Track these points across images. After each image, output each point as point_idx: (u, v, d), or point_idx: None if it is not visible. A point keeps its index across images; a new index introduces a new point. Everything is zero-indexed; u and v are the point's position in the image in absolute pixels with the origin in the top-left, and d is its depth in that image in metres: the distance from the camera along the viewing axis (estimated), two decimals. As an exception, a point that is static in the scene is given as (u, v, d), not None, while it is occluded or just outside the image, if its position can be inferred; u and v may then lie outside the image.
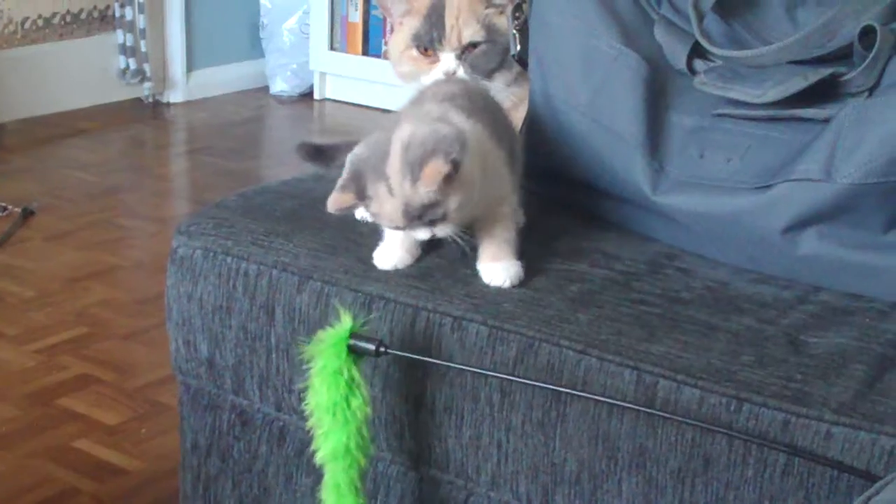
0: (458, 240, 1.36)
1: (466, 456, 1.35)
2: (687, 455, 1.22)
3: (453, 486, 1.39)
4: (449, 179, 1.29)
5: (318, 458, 1.34)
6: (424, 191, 1.30)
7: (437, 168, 1.29)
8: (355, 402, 1.31)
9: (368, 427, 1.33)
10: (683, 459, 1.22)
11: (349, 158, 1.36)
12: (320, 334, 1.32)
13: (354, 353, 1.31)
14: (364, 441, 1.33)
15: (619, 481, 1.26)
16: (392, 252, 1.42)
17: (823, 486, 1.17)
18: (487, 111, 1.45)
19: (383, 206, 1.33)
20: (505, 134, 1.46)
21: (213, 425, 1.57)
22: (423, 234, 1.35)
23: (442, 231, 1.35)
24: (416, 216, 1.32)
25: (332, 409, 1.31)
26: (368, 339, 1.31)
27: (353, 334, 1.31)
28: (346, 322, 1.31)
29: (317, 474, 1.46)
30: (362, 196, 1.33)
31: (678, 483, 1.23)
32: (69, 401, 2.23)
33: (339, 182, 1.34)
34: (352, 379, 1.31)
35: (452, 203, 1.32)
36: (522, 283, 1.38)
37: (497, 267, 1.38)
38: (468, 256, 1.39)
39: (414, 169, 1.30)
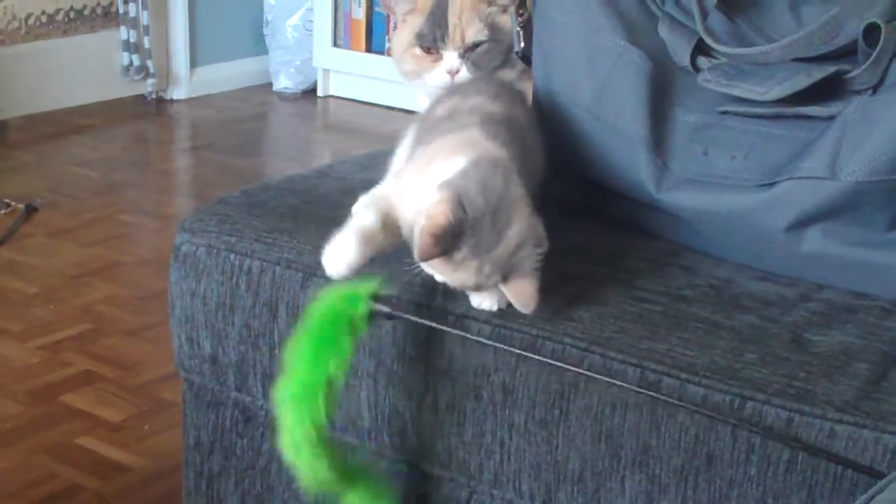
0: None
1: (469, 454, 1.35)
2: (690, 452, 1.22)
3: (456, 484, 1.39)
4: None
5: (279, 399, 1.26)
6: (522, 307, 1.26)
7: (531, 294, 1.25)
8: (345, 342, 1.25)
9: (345, 374, 1.27)
10: (686, 457, 1.22)
11: (455, 194, 1.21)
12: (334, 288, 1.28)
13: (369, 316, 1.26)
14: (335, 392, 1.26)
15: (622, 479, 1.26)
16: (345, 250, 1.30)
17: (827, 484, 1.17)
18: (519, 148, 1.36)
19: (464, 272, 1.24)
20: (526, 162, 1.38)
21: (216, 422, 1.57)
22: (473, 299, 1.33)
23: (485, 301, 1.33)
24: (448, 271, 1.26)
25: (318, 343, 1.25)
26: (386, 302, 1.28)
27: (373, 296, 1.27)
28: (365, 283, 1.27)
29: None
30: (453, 245, 1.22)
31: (681, 481, 1.23)
32: (72, 397, 2.23)
33: (437, 227, 1.20)
34: (353, 325, 1.25)
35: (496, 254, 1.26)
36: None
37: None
38: None
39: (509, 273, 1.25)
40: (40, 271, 2.79)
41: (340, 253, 1.29)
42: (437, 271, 1.26)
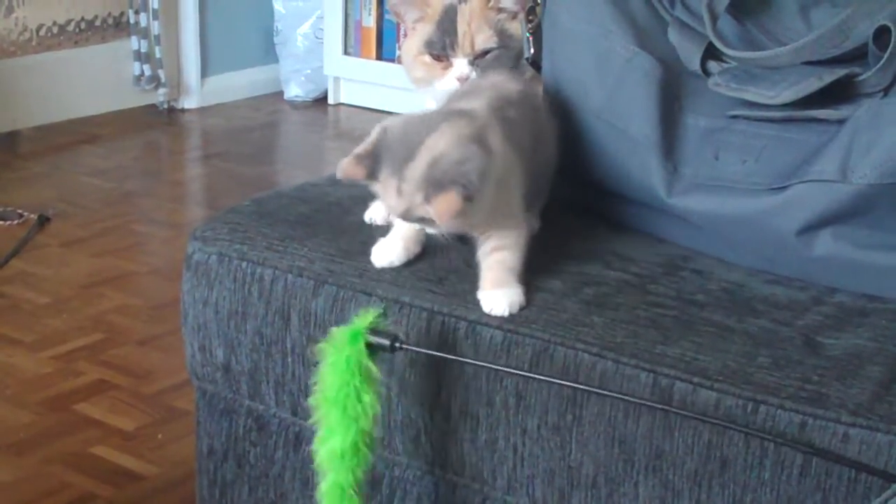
0: (445, 238, 1.38)
1: (482, 459, 1.35)
2: (703, 457, 1.22)
3: (469, 490, 1.39)
4: (458, 212, 1.29)
5: (320, 457, 1.31)
6: (431, 214, 1.30)
7: (449, 202, 1.28)
8: (367, 398, 1.29)
9: (377, 426, 1.32)
10: (700, 462, 1.22)
11: (380, 128, 1.34)
12: (336, 329, 1.31)
13: (370, 347, 1.29)
14: (372, 441, 1.31)
15: (636, 484, 1.26)
16: (390, 247, 1.43)
17: (841, 488, 1.16)
18: (529, 127, 1.44)
19: (387, 197, 1.33)
20: (537, 148, 1.45)
21: (230, 430, 1.57)
22: (426, 226, 1.38)
23: (433, 230, 1.37)
24: (413, 220, 1.34)
25: (343, 404, 1.29)
26: (385, 335, 1.30)
27: (370, 329, 1.30)
28: (364, 317, 1.30)
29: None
30: (374, 177, 1.33)
31: (695, 486, 1.23)
32: (85, 407, 2.23)
33: (359, 150, 1.33)
34: (367, 372, 1.29)
35: (451, 225, 1.33)
36: (537, 287, 1.37)
37: (498, 294, 1.35)
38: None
39: (429, 190, 1.29)
40: (53, 281, 2.79)
41: (385, 250, 1.43)
42: (380, 200, 1.37)
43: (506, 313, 1.33)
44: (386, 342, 1.30)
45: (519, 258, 1.37)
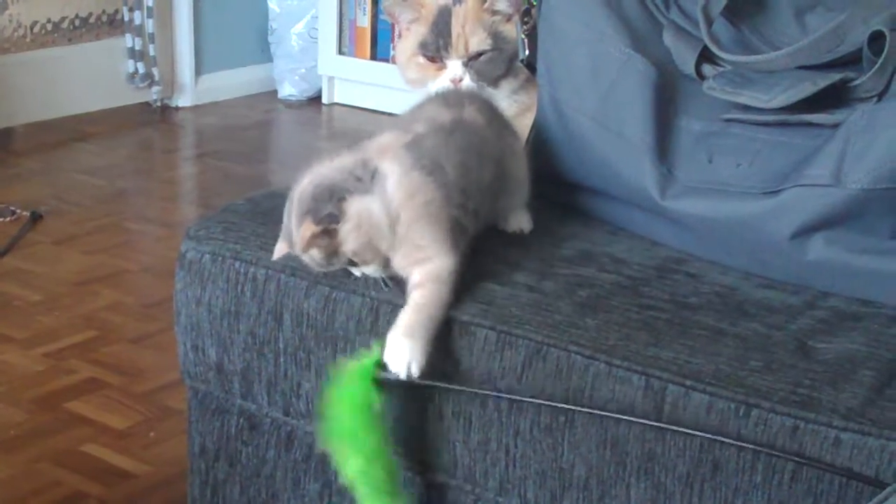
0: (384, 283, 1.35)
1: (474, 461, 1.35)
2: (695, 461, 1.22)
3: (461, 492, 1.39)
4: (325, 235, 1.30)
5: (345, 477, 1.32)
6: (299, 251, 1.33)
7: (306, 231, 1.31)
8: (374, 436, 1.30)
9: (389, 447, 1.33)
10: (692, 465, 1.22)
11: (290, 197, 1.37)
12: (347, 363, 1.32)
13: (380, 384, 1.30)
14: (388, 459, 1.32)
15: (628, 487, 1.26)
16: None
17: (832, 493, 1.16)
18: (463, 152, 1.40)
19: (297, 256, 1.35)
20: (480, 174, 1.41)
21: (221, 430, 1.57)
22: (354, 272, 1.36)
23: (368, 271, 1.35)
24: (327, 263, 1.34)
25: (352, 438, 1.30)
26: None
27: (379, 365, 1.30)
28: (374, 353, 1.31)
29: (325, 479, 1.46)
30: (290, 244, 1.36)
31: (686, 489, 1.23)
32: (77, 405, 2.23)
33: (282, 228, 1.38)
34: (373, 411, 1.30)
35: (349, 248, 1.32)
36: (531, 288, 1.37)
37: (401, 347, 1.29)
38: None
39: (296, 227, 1.33)
40: (45, 279, 2.79)
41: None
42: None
43: (402, 374, 1.29)
44: (395, 376, 1.30)
45: (439, 298, 1.32)
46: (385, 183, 1.33)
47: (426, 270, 1.33)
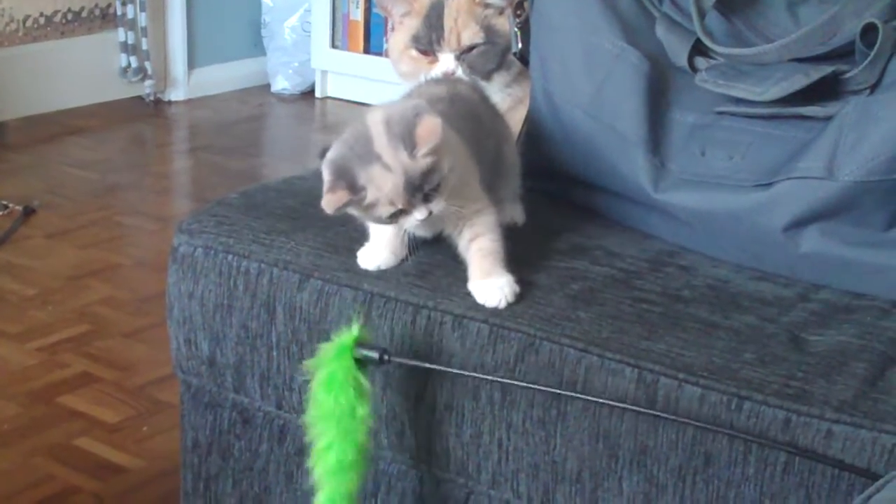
0: (454, 210, 1.34)
1: (467, 454, 1.35)
2: (688, 453, 1.22)
3: (454, 485, 1.39)
4: (434, 153, 1.29)
5: (318, 472, 1.32)
6: (423, 152, 1.28)
7: (430, 126, 1.28)
8: (361, 411, 1.30)
9: (371, 438, 1.32)
10: (684, 457, 1.22)
11: (326, 162, 1.34)
12: (324, 345, 1.31)
13: (358, 361, 1.30)
14: (368, 452, 1.32)
15: (620, 479, 1.26)
16: (377, 252, 1.41)
17: (824, 485, 1.17)
18: (468, 119, 1.42)
19: (382, 187, 1.30)
20: (485, 144, 1.43)
21: (214, 424, 1.57)
22: (421, 212, 1.32)
23: (437, 206, 1.32)
24: (418, 186, 1.30)
25: (338, 419, 1.29)
26: (372, 348, 1.31)
27: (358, 343, 1.30)
28: (351, 330, 1.30)
29: (317, 473, 1.46)
30: (355, 189, 1.30)
31: (679, 481, 1.23)
32: (70, 399, 2.23)
33: (326, 185, 1.32)
34: (359, 386, 1.30)
35: (446, 165, 1.30)
36: (523, 282, 1.37)
37: (491, 286, 1.34)
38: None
39: (405, 138, 1.29)
40: (38, 273, 2.78)
41: (373, 255, 1.42)
42: (373, 209, 1.33)
43: (501, 304, 1.33)
44: (374, 355, 1.30)
45: (498, 241, 1.36)
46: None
47: (482, 221, 1.37)
